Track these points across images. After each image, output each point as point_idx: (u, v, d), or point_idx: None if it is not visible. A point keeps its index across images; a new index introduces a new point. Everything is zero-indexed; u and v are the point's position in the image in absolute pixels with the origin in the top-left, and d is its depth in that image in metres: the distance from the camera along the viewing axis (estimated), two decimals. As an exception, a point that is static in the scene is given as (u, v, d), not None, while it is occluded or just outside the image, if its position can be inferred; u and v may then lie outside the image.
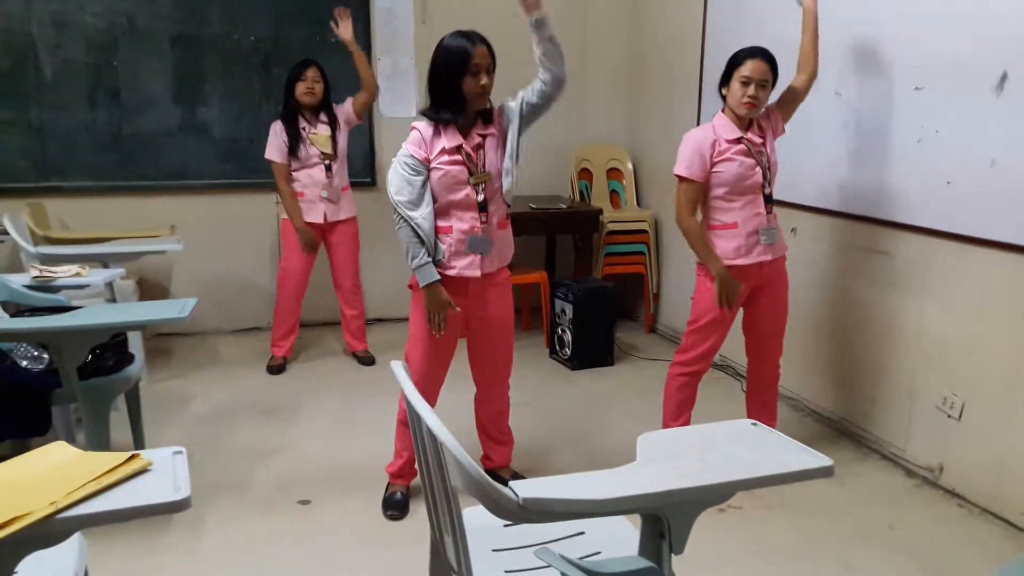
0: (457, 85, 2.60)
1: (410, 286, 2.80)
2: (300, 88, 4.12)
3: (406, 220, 2.62)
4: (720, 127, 2.97)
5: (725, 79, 2.97)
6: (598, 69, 5.39)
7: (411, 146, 2.66)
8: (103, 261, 3.86)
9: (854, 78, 3.43)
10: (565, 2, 5.19)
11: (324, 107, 4.22)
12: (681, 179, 2.97)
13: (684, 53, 4.71)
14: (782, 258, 3.10)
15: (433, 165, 2.65)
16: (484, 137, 2.70)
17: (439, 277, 2.67)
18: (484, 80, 2.60)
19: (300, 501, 2.97)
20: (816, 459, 1.58)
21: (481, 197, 2.69)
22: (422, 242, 2.63)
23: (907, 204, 3.20)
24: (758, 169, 2.93)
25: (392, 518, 2.86)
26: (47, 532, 1.30)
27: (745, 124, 2.97)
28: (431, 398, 2.79)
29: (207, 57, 4.74)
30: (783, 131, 3.09)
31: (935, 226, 3.07)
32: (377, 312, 5.22)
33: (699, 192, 2.97)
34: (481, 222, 2.70)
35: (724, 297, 2.96)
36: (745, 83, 2.88)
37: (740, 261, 2.98)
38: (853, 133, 3.45)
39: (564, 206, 4.95)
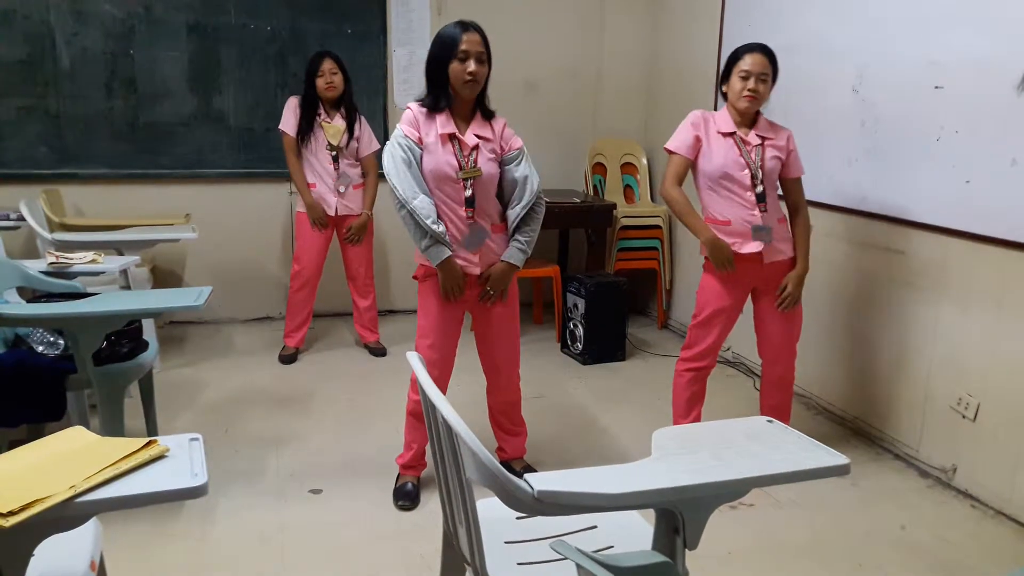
0: (443, 70, 2.60)
1: (415, 277, 2.81)
2: (320, 83, 4.13)
3: (405, 206, 2.60)
4: (718, 118, 2.99)
5: (725, 76, 2.99)
6: (614, 63, 5.37)
7: (405, 126, 2.68)
8: (118, 248, 3.88)
9: (873, 75, 3.40)
10: (582, -4, 5.19)
11: (345, 101, 4.23)
12: (670, 152, 3.01)
13: (701, 50, 4.69)
14: (786, 262, 3.06)
15: (425, 147, 2.65)
16: (481, 140, 2.70)
17: (451, 252, 2.65)
18: (472, 67, 2.58)
19: (312, 490, 2.98)
20: (832, 457, 1.58)
21: (469, 193, 2.68)
22: (424, 231, 2.60)
23: (924, 203, 3.17)
24: (747, 170, 2.93)
25: (403, 508, 2.86)
26: (65, 515, 1.31)
27: (747, 122, 2.97)
28: (441, 389, 2.79)
29: (223, 47, 4.75)
30: (800, 170, 3.07)
31: (953, 225, 3.05)
32: (389, 304, 5.24)
33: (685, 168, 2.99)
34: (468, 218, 2.69)
35: (718, 263, 2.95)
36: (744, 77, 2.89)
37: (735, 249, 2.98)
38: (871, 131, 3.42)
39: (578, 200, 4.93)
